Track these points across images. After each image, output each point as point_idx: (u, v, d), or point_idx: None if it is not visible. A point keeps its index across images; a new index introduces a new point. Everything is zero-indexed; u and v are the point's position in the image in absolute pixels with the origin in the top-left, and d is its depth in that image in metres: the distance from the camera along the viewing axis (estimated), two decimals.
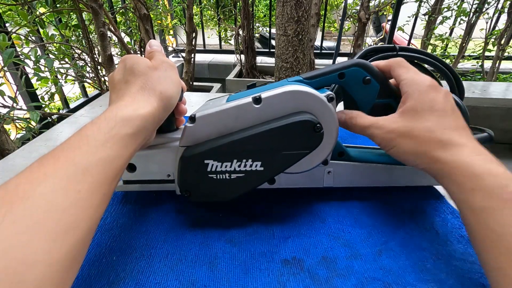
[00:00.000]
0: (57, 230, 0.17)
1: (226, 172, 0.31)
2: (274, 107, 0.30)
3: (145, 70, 0.28)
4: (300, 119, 0.29)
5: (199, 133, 0.31)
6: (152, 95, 0.27)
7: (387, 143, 0.29)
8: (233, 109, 0.30)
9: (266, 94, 0.30)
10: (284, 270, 0.28)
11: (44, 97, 1.21)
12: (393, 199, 0.38)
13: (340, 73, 0.32)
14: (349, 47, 2.16)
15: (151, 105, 0.26)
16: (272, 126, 0.29)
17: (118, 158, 0.23)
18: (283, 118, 0.30)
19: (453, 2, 1.89)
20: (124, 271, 0.28)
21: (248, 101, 0.30)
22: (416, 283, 0.27)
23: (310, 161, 0.33)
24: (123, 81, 0.28)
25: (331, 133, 0.32)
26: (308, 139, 0.30)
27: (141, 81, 0.27)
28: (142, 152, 0.34)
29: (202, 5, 2.24)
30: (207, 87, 2.00)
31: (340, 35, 1.93)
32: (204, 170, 0.31)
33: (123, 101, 0.26)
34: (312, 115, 0.30)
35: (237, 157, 0.30)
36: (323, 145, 0.31)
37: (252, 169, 0.31)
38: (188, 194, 0.32)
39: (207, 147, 0.30)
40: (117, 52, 1.58)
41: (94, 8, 0.96)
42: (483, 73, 1.97)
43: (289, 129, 0.29)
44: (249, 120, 0.30)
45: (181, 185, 0.32)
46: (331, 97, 0.31)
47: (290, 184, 0.36)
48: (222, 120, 0.30)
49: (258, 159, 0.30)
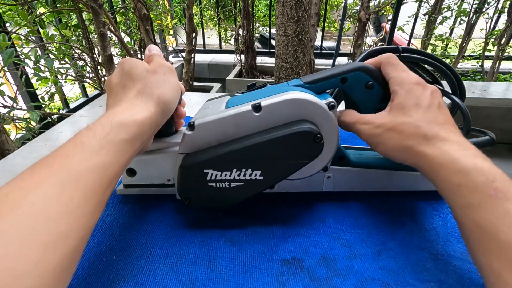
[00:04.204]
0: (48, 240, 0.17)
1: (226, 181, 0.31)
2: (274, 115, 0.30)
3: (143, 74, 0.27)
4: (301, 129, 0.29)
5: (198, 140, 0.31)
6: (150, 100, 0.27)
7: (374, 139, 0.30)
8: (232, 117, 0.30)
9: (266, 102, 0.29)
10: (283, 269, 0.28)
11: (44, 97, 1.21)
12: (393, 199, 0.38)
13: (343, 77, 0.32)
14: (349, 47, 2.16)
15: (148, 111, 0.26)
16: (272, 136, 0.29)
17: (113, 164, 0.22)
18: (283, 127, 0.29)
19: (453, 2, 1.89)
20: (124, 270, 0.28)
21: (247, 109, 0.29)
22: (416, 283, 0.27)
23: (310, 168, 0.33)
24: (120, 86, 0.27)
25: (331, 142, 0.31)
26: (309, 149, 0.30)
27: (139, 86, 0.27)
28: (142, 157, 0.34)
29: (202, 5, 2.24)
30: (207, 87, 2.00)
31: (340, 35, 1.93)
32: (203, 178, 0.30)
33: (120, 106, 0.25)
34: (313, 124, 0.30)
35: (237, 166, 0.30)
36: (323, 153, 0.31)
37: (251, 178, 0.31)
38: (188, 201, 0.32)
39: (206, 157, 0.30)
40: (117, 52, 1.58)
41: (94, 8, 0.96)
42: (483, 73, 1.97)
43: (289, 139, 0.29)
44: (248, 128, 0.30)
45: (180, 193, 0.32)
46: (332, 105, 0.30)
47: (289, 188, 0.36)
48: (221, 128, 0.30)
49: (257, 168, 0.30)
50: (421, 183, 0.37)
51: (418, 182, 0.37)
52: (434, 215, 0.35)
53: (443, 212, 0.36)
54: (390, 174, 0.36)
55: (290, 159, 0.30)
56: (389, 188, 0.37)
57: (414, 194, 0.38)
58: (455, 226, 0.33)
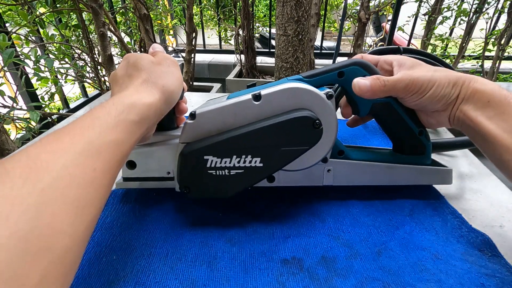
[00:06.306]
0: (78, 205, 0.18)
1: (226, 168, 0.31)
2: (274, 104, 0.30)
3: (149, 65, 0.28)
4: (300, 115, 0.30)
5: (199, 129, 0.31)
6: (155, 88, 0.27)
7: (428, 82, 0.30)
8: (232, 106, 0.30)
9: (265, 91, 0.30)
10: (283, 269, 0.28)
11: (44, 97, 1.21)
12: (393, 199, 0.38)
13: (340, 71, 0.32)
14: (349, 47, 2.16)
15: (153, 97, 0.27)
16: (272, 122, 0.30)
17: (125, 143, 0.23)
18: (282, 115, 0.30)
19: (453, 2, 1.89)
20: (124, 270, 0.28)
21: (247, 98, 0.30)
22: (416, 283, 0.27)
23: (310, 158, 0.33)
24: (126, 75, 0.28)
25: (330, 130, 0.32)
26: (308, 135, 0.30)
27: (144, 75, 0.28)
28: (142, 149, 0.34)
29: (202, 5, 2.24)
30: (207, 87, 2.00)
31: (340, 35, 1.93)
32: (203, 166, 0.31)
33: (127, 91, 0.26)
34: (312, 112, 0.30)
35: (237, 153, 0.30)
36: (323, 142, 0.32)
37: (251, 165, 0.31)
38: (188, 191, 0.32)
39: (206, 143, 0.30)
40: (117, 52, 1.58)
41: (94, 8, 0.96)
42: (483, 73, 1.97)
43: (288, 125, 0.30)
44: (248, 116, 0.31)
45: (180, 181, 0.32)
46: (330, 95, 0.31)
47: (289, 182, 0.36)
48: (222, 116, 0.31)
49: (257, 155, 0.30)
50: (421, 177, 0.37)
51: (418, 176, 0.37)
52: (434, 215, 0.35)
53: (443, 212, 0.36)
54: (390, 168, 0.36)
55: (290, 145, 0.30)
56: (389, 182, 0.37)
57: (414, 194, 0.38)
58: (455, 226, 0.33)
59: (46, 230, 0.15)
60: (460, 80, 0.29)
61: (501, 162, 0.26)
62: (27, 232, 0.15)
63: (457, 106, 0.29)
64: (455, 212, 0.35)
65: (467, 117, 0.28)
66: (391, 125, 0.36)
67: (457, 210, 0.36)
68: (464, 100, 0.29)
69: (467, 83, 0.29)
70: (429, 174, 0.37)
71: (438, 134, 0.57)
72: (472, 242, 0.31)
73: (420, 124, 0.35)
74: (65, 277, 0.17)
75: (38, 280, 0.15)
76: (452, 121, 0.31)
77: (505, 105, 0.26)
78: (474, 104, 0.28)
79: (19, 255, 0.14)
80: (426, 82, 0.29)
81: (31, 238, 0.15)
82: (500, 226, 0.34)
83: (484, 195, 0.39)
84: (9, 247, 0.14)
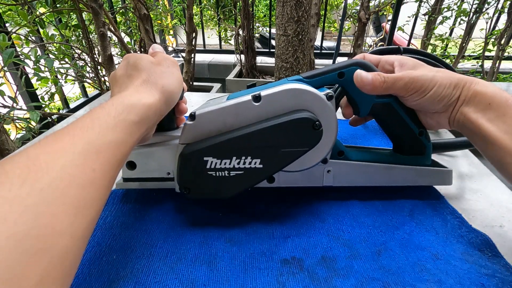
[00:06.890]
0: (77, 205, 0.18)
1: (225, 170, 0.31)
2: (274, 105, 0.30)
3: (148, 66, 0.28)
4: (300, 116, 0.30)
5: (199, 130, 0.31)
6: (154, 89, 0.27)
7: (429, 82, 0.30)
8: (232, 106, 0.30)
9: (265, 92, 0.30)
10: (283, 269, 0.28)
11: (44, 97, 1.21)
12: (393, 199, 0.38)
13: (340, 72, 0.32)
14: (349, 47, 2.16)
15: (153, 97, 0.27)
16: (272, 123, 0.30)
17: (124, 143, 0.23)
18: (282, 116, 0.30)
19: (453, 2, 1.89)
20: (124, 270, 0.28)
21: (247, 99, 0.30)
22: (416, 283, 0.27)
23: (310, 159, 0.33)
24: (126, 76, 0.28)
25: (330, 131, 0.32)
26: (308, 136, 0.30)
27: (144, 75, 0.28)
28: (142, 149, 0.34)
29: (202, 5, 2.24)
30: (207, 87, 2.00)
31: (340, 35, 1.93)
32: (203, 167, 0.31)
33: (127, 91, 0.26)
34: (311, 113, 0.30)
35: (236, 154, 0.30)
36: (323, 143, 0.32)
37: (251, 167, 0.31)
38: (187, 191, 0.32)
39: (206, 144, 0.30)
40: (117, 52, 1.58)
41: (94, 8, 0.96)
42: (483, 73, 1.96)
43: (288, 126, 0.30)
44: (248, 117, 0.31)
45: (180, 182, 0.32)
46: (330, 95, 0.31)
47: (289, 183, 0.36)
48: (221, 117, 0.31)
49: (257, 156, 0.30)
50: (421, 177, 0.37)
51: (418, 176, 0.37)
52: (434, 215, 0.35)
53: (443, 212, 0.36)
54: (390, 169, 0.36)
55: (290, 146, 0.30)
56: (389, 183, 0.37)
57: (414, 194, 0.38)
58: (455, 226, 0.33)
59: (45, 231, 0.15)
60: (461, 82, 0.29)
61: (501, 165, 0.26)
62: (26, 233, 0.14)
63: (458, 108, 0.29)
64: (455, 212, 0.35)
65: (468, 119, 0.28)
66: (391, 125, 0.36)
67: (457, 210, 0.36)
68: (465, 102, 0.29)
69: (468, 85, 0.29)
70: (429, 175, 0.37)
71: (438, 135, 0.57)
72: (472, 242, 0.31)
73: (420, 125, 0.35)
74: (64, 278, 0.17)
75: (38, 281, 0.14)
76: (452, 123, 0.31)
77: (506, 107, 0.26)
78: (475, 106, 0.28)
79: (18, 255, 0.14)
80: (428, 82, 0.29)
81: (30, 239, 0.15)
82: (500, 226, 0.34)
83: (484, 195, 0.39)
84: (8, 248, 0.14)
